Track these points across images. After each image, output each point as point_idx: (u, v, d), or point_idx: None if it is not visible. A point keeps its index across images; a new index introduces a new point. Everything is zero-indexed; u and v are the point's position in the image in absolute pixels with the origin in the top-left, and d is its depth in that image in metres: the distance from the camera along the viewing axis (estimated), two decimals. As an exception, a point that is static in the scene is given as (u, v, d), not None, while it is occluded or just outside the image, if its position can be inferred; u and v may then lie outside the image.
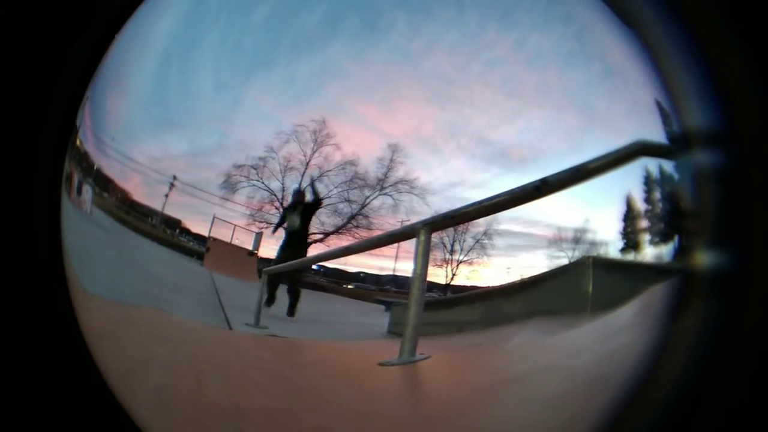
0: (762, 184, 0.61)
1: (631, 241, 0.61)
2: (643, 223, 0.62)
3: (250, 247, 0.66)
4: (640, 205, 0.61)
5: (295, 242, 0.66)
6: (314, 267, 0.66)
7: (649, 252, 0.62)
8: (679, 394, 0.62)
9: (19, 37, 0.73)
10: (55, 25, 0.73)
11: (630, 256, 0.62)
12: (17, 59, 0.73)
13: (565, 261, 0.61)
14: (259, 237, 0.65)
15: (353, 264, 0.65)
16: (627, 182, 0.61)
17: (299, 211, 0.65)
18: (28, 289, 0.74)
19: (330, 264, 0.66)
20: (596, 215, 0.61)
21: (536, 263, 0.61)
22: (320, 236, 0.65)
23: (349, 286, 0.65)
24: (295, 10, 0.64)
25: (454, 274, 0.62)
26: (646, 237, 0.62)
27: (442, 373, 0.64)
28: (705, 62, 0.62)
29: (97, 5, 0.74)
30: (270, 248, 0.66)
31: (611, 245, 0.61)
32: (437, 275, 0.62)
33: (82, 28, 0.74)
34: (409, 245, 0.63)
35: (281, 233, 0.66)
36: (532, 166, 0.60)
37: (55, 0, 0.73)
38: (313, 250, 0.66)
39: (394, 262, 0.63)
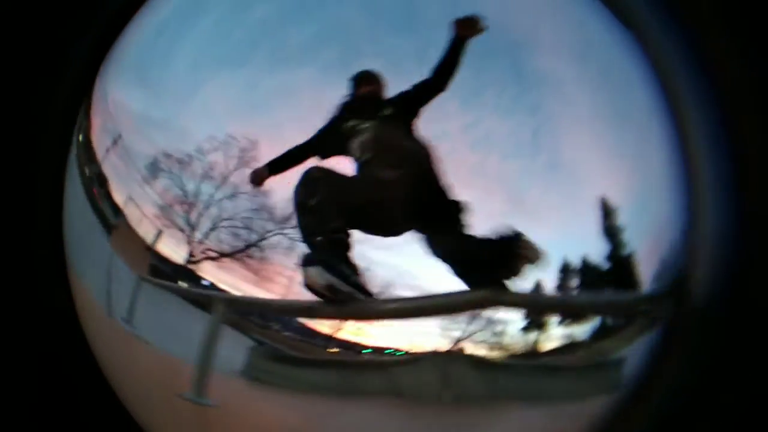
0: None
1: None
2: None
3: (150, 241, 0.64)
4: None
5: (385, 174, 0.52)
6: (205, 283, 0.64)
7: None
8: None
9: None
10: None
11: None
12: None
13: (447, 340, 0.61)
14: (158, 235, 0.64)
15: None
16: None
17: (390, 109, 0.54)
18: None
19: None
20: None
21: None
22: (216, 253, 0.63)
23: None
24: (290, 21, 0.64)
25: (339, 328, 0.62)
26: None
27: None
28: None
29: None
30: (170, 249, 0.64)
31: (510, 325, 0.61)
32: (322, 324, 0.62)
33: None
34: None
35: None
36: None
37: None
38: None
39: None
